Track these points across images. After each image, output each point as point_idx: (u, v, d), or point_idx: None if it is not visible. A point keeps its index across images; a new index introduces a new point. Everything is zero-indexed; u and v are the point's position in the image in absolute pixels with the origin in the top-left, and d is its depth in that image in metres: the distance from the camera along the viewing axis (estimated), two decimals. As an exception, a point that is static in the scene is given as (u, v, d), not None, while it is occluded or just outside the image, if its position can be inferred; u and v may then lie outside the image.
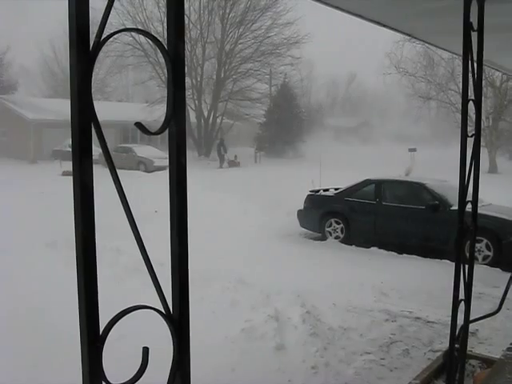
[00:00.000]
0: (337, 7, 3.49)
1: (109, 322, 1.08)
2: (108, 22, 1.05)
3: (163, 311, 1.17)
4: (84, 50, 1.00)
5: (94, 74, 1.02)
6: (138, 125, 1.12)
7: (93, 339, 1.04)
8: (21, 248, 9.75)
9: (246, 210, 15.17)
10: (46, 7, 59.64)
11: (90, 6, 1.02)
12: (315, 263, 9.87)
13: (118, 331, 1.20)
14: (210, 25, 40.39)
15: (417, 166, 24.00)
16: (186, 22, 37.30)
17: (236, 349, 5.72)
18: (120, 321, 1.11)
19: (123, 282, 7.65)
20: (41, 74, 61.39)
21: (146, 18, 38.69)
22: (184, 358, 1.21)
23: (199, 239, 8.44)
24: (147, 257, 1.13)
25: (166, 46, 1.13)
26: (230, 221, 13.56)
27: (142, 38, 37.05)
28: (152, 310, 1.15)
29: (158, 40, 1.11)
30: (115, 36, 1.08)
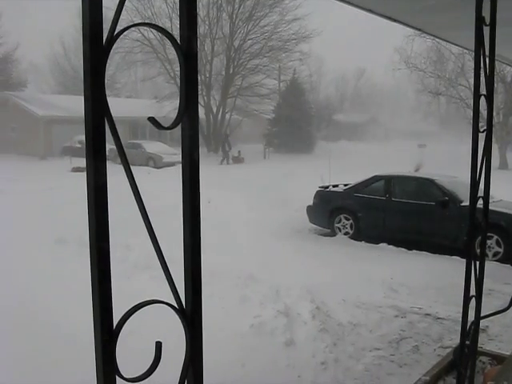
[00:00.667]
0: (348, 2, 3.48)
1: (122, 317, 1.08)
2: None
3: (176, 306, 1.17)
4: (97, 44, 1.00)
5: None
6: (152, 120, 1.12)
7: (107, 334, 1.05)
8: (30, 244, 9.80)
9: (254, 206, 15.18)
10: (56, 4, 59.90)
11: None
12: (324, 259, 9.86)
13: (128, 327, 1.20)
14: (219, 21, 40.37)
15: (426, 162, 23.89)
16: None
17: (246, 344, 5.72)
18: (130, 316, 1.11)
19: (134, 278, 7.67)
20: (50, 70, 61.63)
21: (154, 14, 38.72)
22: (197, 352, 1.21)
23: (207, 235, 8.45)
24: (160, 251, 1.13)
25: (178, 41, 1.13)
26: (238, 217, 13.56)
27: (150, 35, 37.14)
28: (161, 306, 1.15)
29: (171, 34, 1.11)
30: (124, 32, 1.08)
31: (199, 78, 38.02)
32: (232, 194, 16.35)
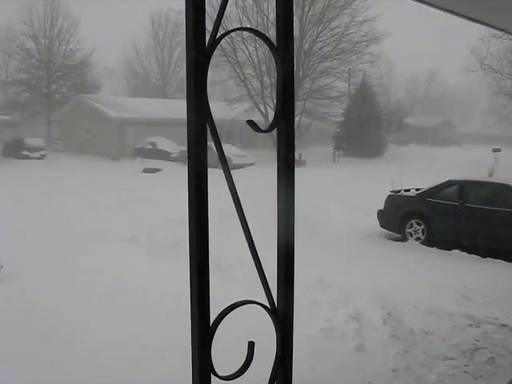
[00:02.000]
0: (427, 3, 3.41)
1: (218, 315, 1.11)
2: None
3: (268, 306, 1.19)
4: (200, 49, 1.03)
5: (174, 73, 1.05)
6: (251, 123, 1.15)
7: (204, 331, 1.07)
8: (104, 242, 10.12)
9: (323, 209, 15.09)
10: (129, 8, 61.68)
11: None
12: (395, 264, 9.69)
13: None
14: (289, 24, 40.38)
15: (501, 167, 23.09)
16: (265, 21, 37.62)
17: (316, 348, 5.71)
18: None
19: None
20: (123, 73, 63.47)
21: (225, 18, 39.10)
22: (287, 352, 1.22)
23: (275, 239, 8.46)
24: (255, 252, 1.15)
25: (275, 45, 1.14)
26: (307, 220, 13.51)
27: (219, 39, 37.53)
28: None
29: (269, 39, 1.13)
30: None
31: (269, 81, 38.23)
32: (301, 198, 16.30)
